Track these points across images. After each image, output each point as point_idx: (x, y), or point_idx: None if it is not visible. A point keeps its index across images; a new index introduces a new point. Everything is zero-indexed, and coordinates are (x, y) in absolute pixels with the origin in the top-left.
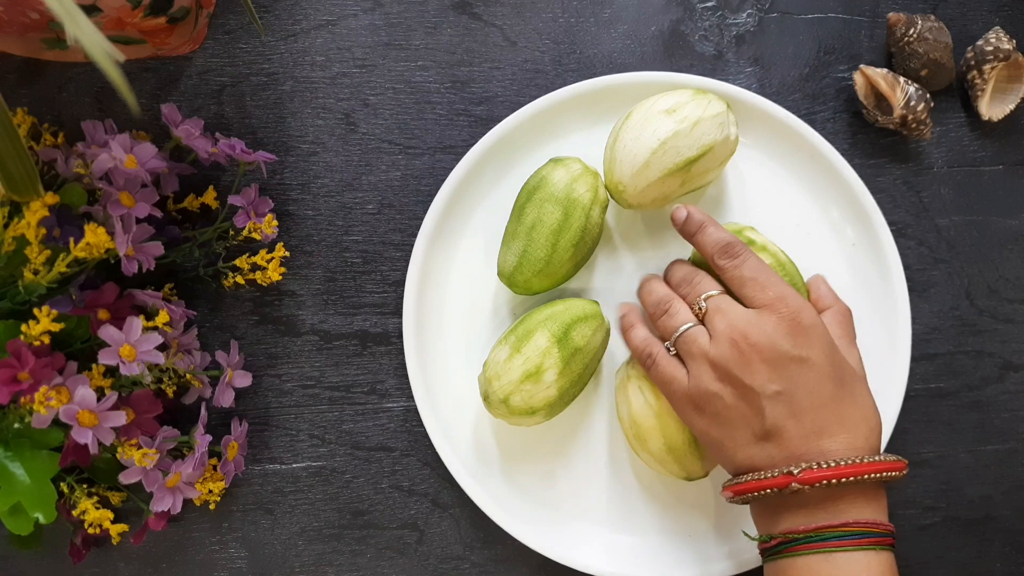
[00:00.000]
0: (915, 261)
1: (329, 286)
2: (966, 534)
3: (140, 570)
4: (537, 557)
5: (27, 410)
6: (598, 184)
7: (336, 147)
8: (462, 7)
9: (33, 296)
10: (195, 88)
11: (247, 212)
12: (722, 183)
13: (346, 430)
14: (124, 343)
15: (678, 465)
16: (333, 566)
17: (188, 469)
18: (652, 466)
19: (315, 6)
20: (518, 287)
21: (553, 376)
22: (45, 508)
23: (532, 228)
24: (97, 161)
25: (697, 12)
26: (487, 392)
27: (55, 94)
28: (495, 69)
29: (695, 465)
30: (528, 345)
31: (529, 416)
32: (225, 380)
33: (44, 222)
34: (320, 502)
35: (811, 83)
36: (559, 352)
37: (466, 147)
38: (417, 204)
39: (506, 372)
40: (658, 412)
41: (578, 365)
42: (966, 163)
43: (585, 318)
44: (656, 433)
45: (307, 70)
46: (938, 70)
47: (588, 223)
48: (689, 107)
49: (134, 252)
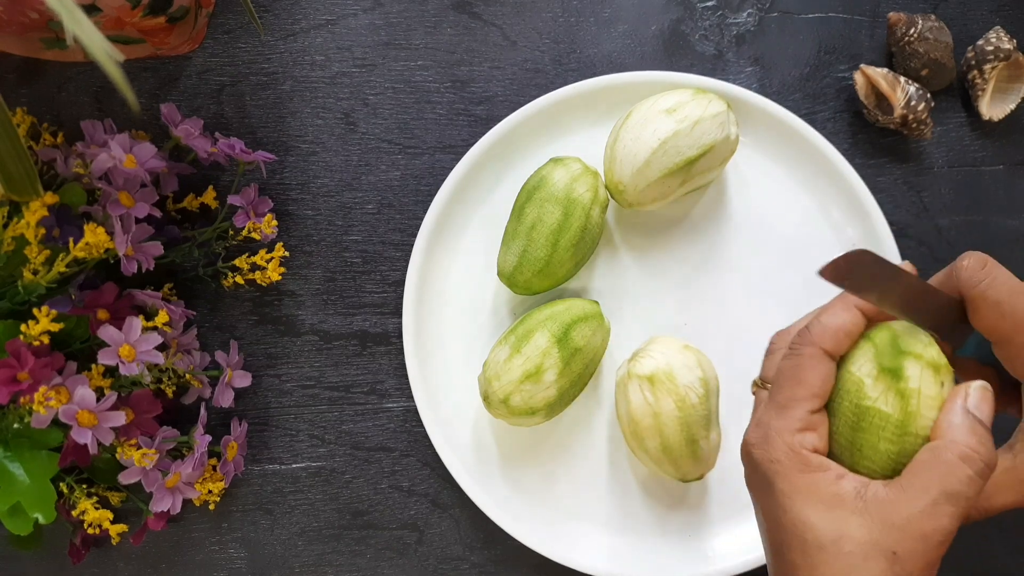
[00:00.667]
0: (915, 261)
1: (329, 286)
2: (966, 534)
3: (140, 570)
4: (537, 557)
5: (27, 410)
6: (598, 184)
7: (336, 147)
8: (462, 7)
9: (33, 296)
10: (194, 88)
11: (246, 212)
12: (722, 183)
13: (346, 430)
14: (124, 343)
15: (673, 466)
16: (333, 566)
17: (188, 469)
18: (648, 466)
19: (315, 5)
20: (518, 287)
21: (553, 376)
22: (45, 508)
23: (532, 228)
24: (96, 161)
25: (697, 12)
26: (487, 392)
27: (54, 94)
28: (495, 69)
29: (690, 466)
30: (528, 345)
31: (529, 416)
32: (225, 380)
33: (43, 222)
34: (320, 502)
35: (811, 83)
36: (559, 352)
37: (466, 147)
38: (417, 204)
39: (506, 372)
40: (656, 412)
41: (578, 365)
42: (966, 163)
43: (585, 318)
44: (653, 432)
45: (307, 70)
46: (939, 70)
47: (588, 223)
48: (689, 107)
49: (133, 252)
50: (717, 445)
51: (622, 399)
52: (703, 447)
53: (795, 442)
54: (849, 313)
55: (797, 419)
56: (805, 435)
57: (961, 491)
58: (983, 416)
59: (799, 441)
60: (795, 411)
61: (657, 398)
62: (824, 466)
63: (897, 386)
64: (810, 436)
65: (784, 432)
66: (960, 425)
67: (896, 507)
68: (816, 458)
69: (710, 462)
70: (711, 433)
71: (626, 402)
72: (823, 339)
